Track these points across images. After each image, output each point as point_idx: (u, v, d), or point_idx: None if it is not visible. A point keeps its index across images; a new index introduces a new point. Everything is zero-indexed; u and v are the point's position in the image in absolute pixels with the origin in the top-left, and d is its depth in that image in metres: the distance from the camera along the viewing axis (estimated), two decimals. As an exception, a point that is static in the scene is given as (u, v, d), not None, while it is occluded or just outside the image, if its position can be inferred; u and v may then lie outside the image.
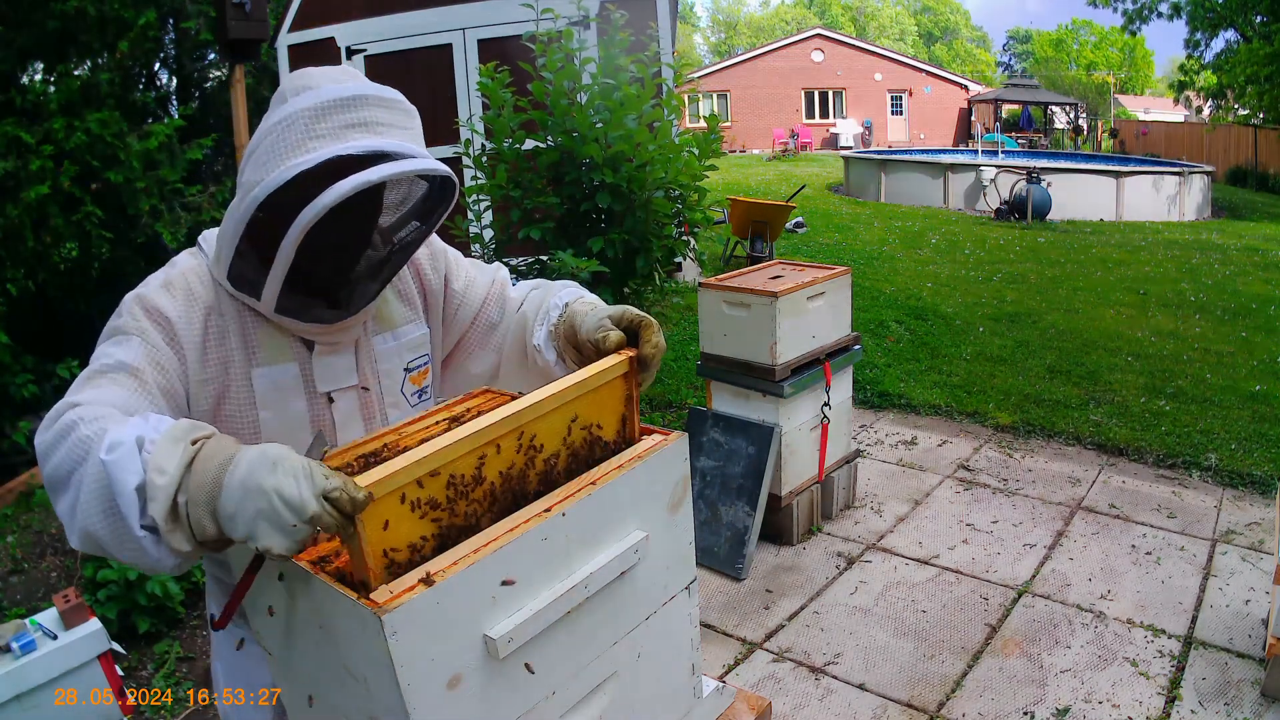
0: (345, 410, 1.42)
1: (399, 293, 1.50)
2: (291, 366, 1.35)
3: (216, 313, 1.30)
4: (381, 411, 1.47)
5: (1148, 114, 32.89)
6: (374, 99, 1.24)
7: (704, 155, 4.13)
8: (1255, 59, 17.37)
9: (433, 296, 1.55)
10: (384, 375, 1.46)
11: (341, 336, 1.39)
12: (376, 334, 1.46)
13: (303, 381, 1.37)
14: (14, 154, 5.98)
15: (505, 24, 7.00)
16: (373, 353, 1.45)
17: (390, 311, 1.48)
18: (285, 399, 1.35)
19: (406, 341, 1.50)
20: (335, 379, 1.40)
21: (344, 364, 1.41)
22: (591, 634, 1.15)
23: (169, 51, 8.33)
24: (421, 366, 1.53)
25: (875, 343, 6.42)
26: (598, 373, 1.23)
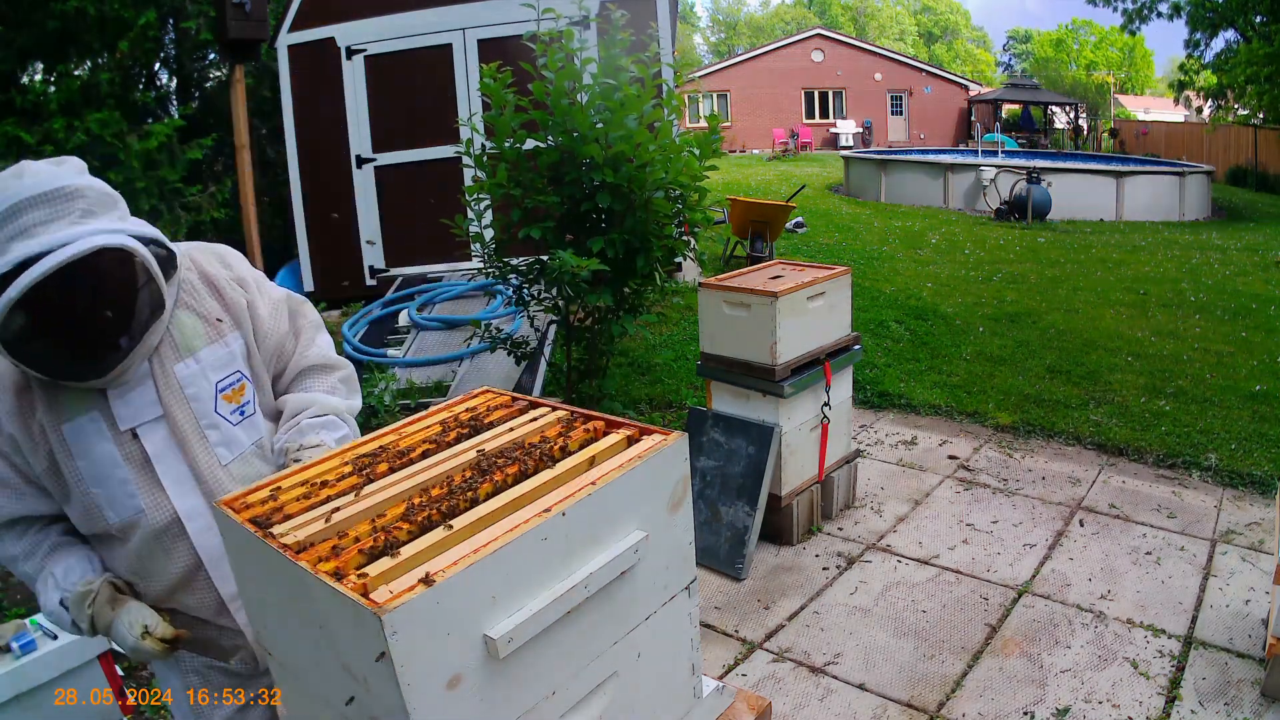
0: (157, 441, 1.50)
1: (197, 314, 1.56)
2: (94, 413, 1.46)
3: (24, 388, 1.45)
4: (199, 435, 1.53)
5: (1148, 114, 32.89)
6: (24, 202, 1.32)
7: (704, 155, 4.12)
8: (1255, 59, 17.35)
9: (237, 311, 1.61)
10: (191, 400, 1.53)
11: (128, 377, 1.47)
12: (177, 361, 1.52)
13: (105, 424, 1.47)
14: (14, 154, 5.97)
15: (505, 24, 7.00)
16: (174, 380, 1.52)
17: (188, 336, 1.54)
18: (91, 444, 1.46)
19: (210, 363, 1.55)
20: (135, 415, 1.49)
21: (142, 399, 1.49)
22: (591, 634, 1.15)
23: (169, 51, 8.33)
24: (235, 384, 1.58)
25: (875, 343, 6.42)
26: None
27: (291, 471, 1.30)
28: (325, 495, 1.22)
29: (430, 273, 7.45)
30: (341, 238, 7.78)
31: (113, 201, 1.42)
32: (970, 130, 28.11)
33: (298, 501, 1.20)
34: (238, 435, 1.58)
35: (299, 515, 1.16)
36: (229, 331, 1.59)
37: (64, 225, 1.33)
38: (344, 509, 1.16)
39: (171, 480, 1.51)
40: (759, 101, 32.33)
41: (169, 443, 1.51)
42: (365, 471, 1.27)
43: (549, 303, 4.42)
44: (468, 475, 1.22)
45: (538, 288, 4.38)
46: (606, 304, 4.09)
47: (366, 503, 1.16)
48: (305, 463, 1.33)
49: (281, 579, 1.08)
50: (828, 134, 31.68)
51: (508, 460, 1.25)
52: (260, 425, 1.63)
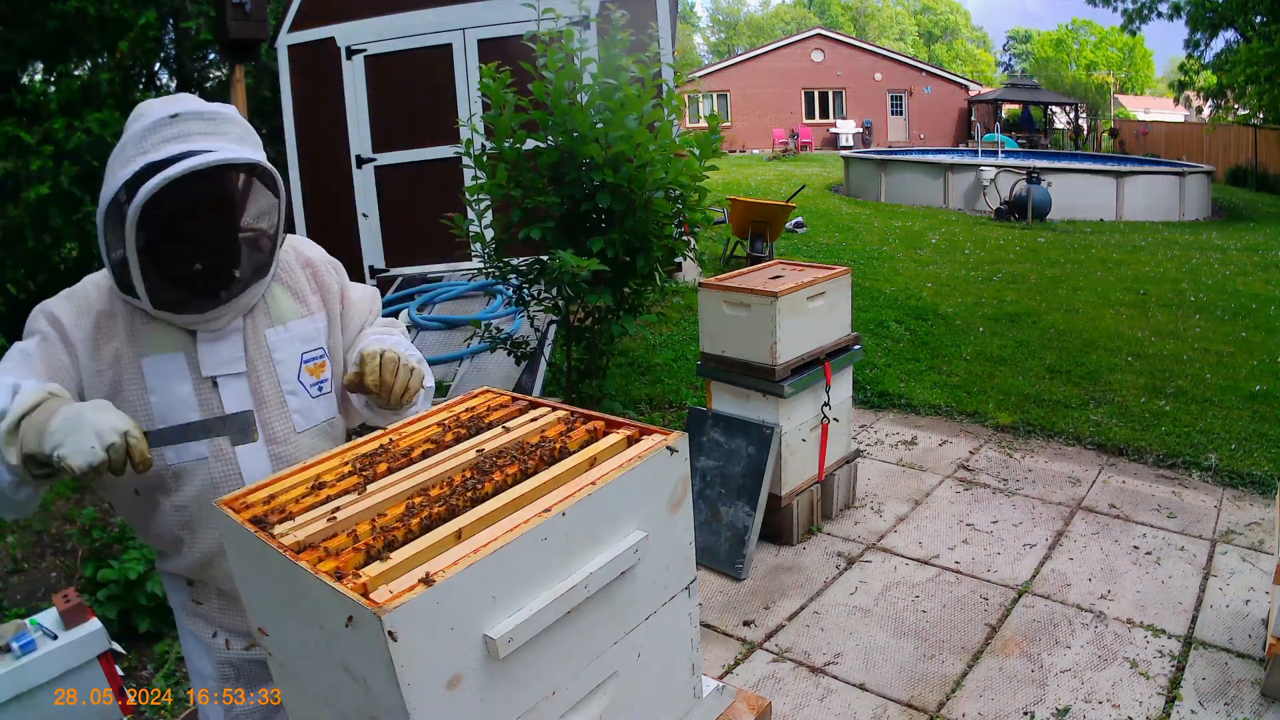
0: (235, 395, 1.54)
1: (290, 290, 1.64)
2: (178, 355, 1.50)
3: (109, 316, 1.49)
4: (278, 398, 1.58)
5: (1148, 114, 32.89)
6: (191, 115, 1.43)
7: (704, 155, 4.12)
8: (1255, 59, 17.35)
9: (329, 295, 1.70)
10: (277, 364, 1.59)
11: (220, 325, 1.52)
12: (269, 327, 1.59)
13: (188, 367, 1.51)
14: (14, 154, 5.98)
15: (505, 24, 7.00)
16: (264, 343, 1.58)
17: (281, 307, 1.62)
18: (172, 384, 1.50)
19: (298, 334, 1.62)
20: (220, 365, 1.53)
21: (229, 351, 1.54)
22: (591, 634, 1.15)
23: (169, 51, 8.33)
24: (318, 359, 1.65)
25: (875, 343, 6.42)
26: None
27: (292, 471, 1.30)
28: (325, 495, 1.22)
29: (430, 273, 7.45)
30: (341, 237, 7.78)
31: (259, 143, 1.52)
32: (970, 130, 28.11)
33: (297, 501, 1.20)
34: (315, 408, 1.63)
35: (299, 516, 1.16)
36: (317, 310, 1.66)
37: (222, 140, 1.43)
38: (344, 509, 1.16)
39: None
40: (759, 101, 32.34)
41: (247, 399, 1.54)
42: (365, 471, 1.28)
43: (549, 303, 4.42)
44: (467, 475, 1.22)
45: (538, 288, 4.38)
46: (606, 304, 4.09)
47: (366, 503, 1.16)
48: (306, 462, 1.33)
49: (281, 579, 1.08)
50: (828, 134, 31.69)
51: (508, 460, 1.25)
52: (334, 406, 1.68)
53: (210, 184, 1.41)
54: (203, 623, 1.64)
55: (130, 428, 1.27)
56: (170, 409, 1.49)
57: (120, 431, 1.25)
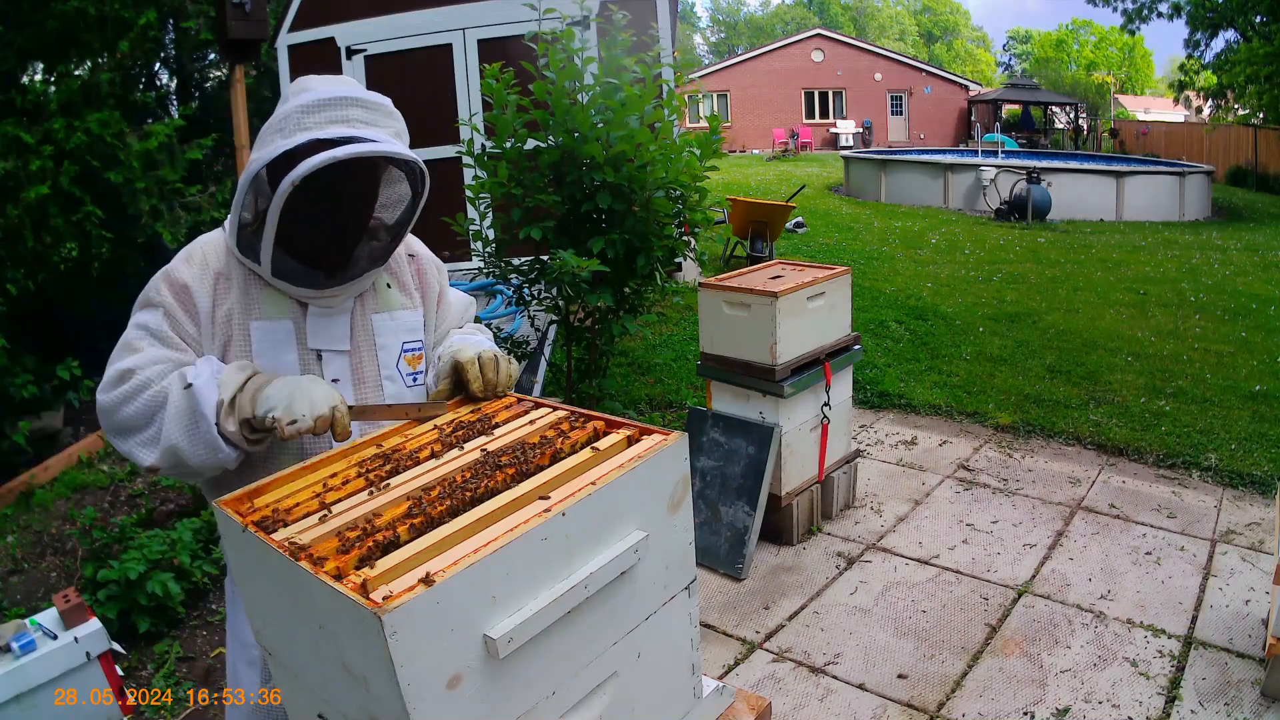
0: (336, 370, 1.58)
1: (399, 282, 1.69)
2: (285, 322, 1.55)
3: (225, 277, 1.53)
4: (376, 380, 1.62)
5: (1148, 114, 32.90)
6: (357, 100, 1.47)
7: (705, 155, 4.12)
8: (1255, 59, 17.35)
9: (430, 292, 1.74)
10: (380, 348, 1.63)
11: (333, 303, 1.57)
12: (375, 312, 1.64)
13: (295, 336, 1.56)
14: (14, 154, 5.97)
15: (505, 24, 7.00)
16: (370, 326, 1.63)
17: (388, 296, 1.67)
18: (278, 350, 1.54)
19: (403, 324, 1.67)
20: (327, 340, 1.58)
21: (337, 328, 1.58)
22: (591, 634, 1.15)
23: (169, 51, 8.33)
24: (416, 350, 1.69)
25: (875, 343, 6.42)
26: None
27: (295, 471, 1.30)
28: (329, 498, 1.22)
29: (430, 273, 7.43)
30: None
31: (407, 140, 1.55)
32: (970, 130, 28.11)
33: (301, 505, 1.20)
34: (407, 396, 1.67)
35: (302, 519, 1.16)
36: (419, 305, 1.71)
37: (382, 132, 1.47)
38: (346, 511, 1.16)
39: None
40: (759, 101, 32.33)
41: (347, 376, 1.59)
42: (370, 474, 1.28)
43: (549, 302, 4.42)
44: (468, 475, 1.22)
45: (538, 287, 4.38)
46: (607, 304, 4.09)
47: (369, 505, 1.16)
48: (309, 462, 1.33)
49: (281, 579, 1.08)
50: (828, 134, 31.69)
51: (510, 460, 1.25)
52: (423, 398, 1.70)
53: (366, 173, 1.49)
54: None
55: (339, 402, 1.40)
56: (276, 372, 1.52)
57: (331, 405, 1.39)
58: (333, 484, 1.26)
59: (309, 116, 1.43)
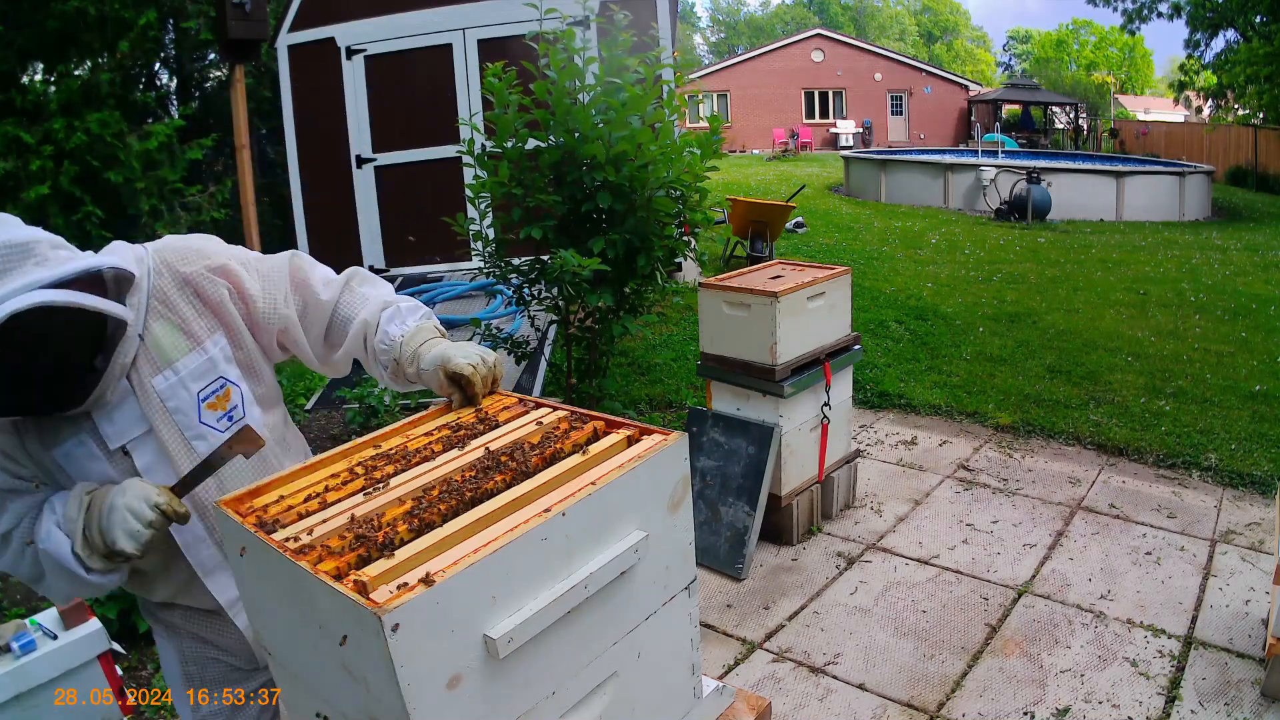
0: (147, 457, 1.47)
1: (171, 324, 1.48)
2: (83, 437, 1.44)
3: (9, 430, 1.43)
4: (185, 447, 1.48)
5: (1148, 114, 32.89)
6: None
7: (705, 155, 4.12)
8: (1255, 59, 17.36)
9: (222, 309, 1.52)
10: (174, 413, 1.48)
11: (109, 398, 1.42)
12: (154, 374, 1.46)
13: (95, 446, 1.45)
14: (14, 154, 5.98)
15: (505, 24, 7.00)
16: (153, 395, 1.46)
17: (163, 348, 1.47)
18: (84, 466, 1.45)
19: (188, 373, 1.48)
20: (123, 434, 1.46)
21: (126, 418, 1.46)
22: (591, 634, 1.15)
23: (169, 51, 8.34)
24: (218, 391, 1.52)
25: (875, 343, 6.42)
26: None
27: (294, 472, 1.30)
28: (330, 498, 1.22)
29: (430, 273, 7.45)
30: (341, 237, 7.78)
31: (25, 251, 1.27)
32: (970, 130, 28.11)
33: (301, 505, 1.20)
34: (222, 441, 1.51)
35: (301, 519, 1.16)
36: (207, 336, 1.51)
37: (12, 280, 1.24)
38: (346, 511, 1.16)
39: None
40: (759, 101, 32.33)
41: (159, 456, 1.47)
42: (371, 474, 1.27)
43: (549, 302, 4.42)
44: (469, 475, 1.22)
45: (538, 287, 4.38)
46: (607, 304, 4.09)
47: (370, 505, 1.16)
48: (310, 462, 1.33)
49: (281, 579, 1.08)
50: (828, 134, 31.69)
51: (511, 460, 1.25)
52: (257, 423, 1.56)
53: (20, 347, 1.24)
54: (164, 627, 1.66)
55: (157, 497, 1.36)
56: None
57: (152, 504, 1.36)
58: (333, 484, 1.26)
59: None
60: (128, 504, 1.35)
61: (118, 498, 1.36)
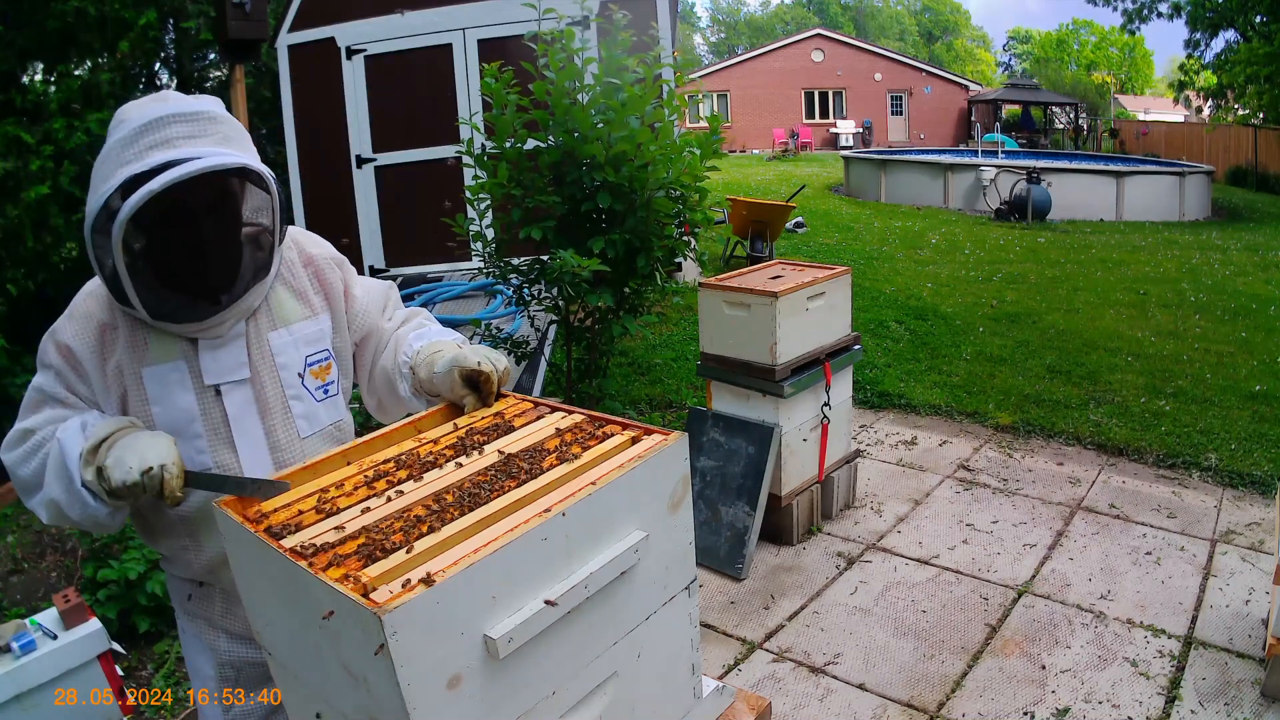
0: (238, 403, 1.51)
1: (294, 290, 1.59)
2: (179, 363, 1.47)
3: (110, 327, 1.46)
4: (282, 404, 1.54)
5: (1148, 114, 32.87)
6: (173, 117, 1.38)
7: (705, 155, 4.12)
8: (1255, 59, 17.36)
9: (333, 292, 1.64)
10: (281, 368, 1.55)
11: (222, 331, 1.48)
12: (272, 330, 1.55)
13: (190, 376, 1.48)
14: (14, 154, 5.98)
15: (505, 24, 7.00)
16: (267, 347, 1.54)
17: (284, 309, 1.57)
18: (173, 394, 1.47)
19: (302, 336, 1.58)
20: (222, 372, 1.49)
21: (232, 358, 1.49)
22: (591, 634, 1.15)
23: (169, 51, 8.34)
24: (323, 361, 1.61)
25: (875, 343, 6.42)
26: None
27: (295, 473, 1.30)
28: (331, 497, 1.22)
29: (430, 273, 7.45)
30: (342, 237, 7.78)
31: (247, 139, 1.46)
32: (970, 130, 28.10)
33: (302, 505, 1.20)
34: (320, 412, 1.60)
35: (303, 519, 1.16)
36: (321, 310, 1.62)
37: (207, 143, 1.37)
38: (348, 511, 1.16)
39: (247, 443, 1.51)
40: (759, 101, 32.33)
41: (250, 406, 1.52)
42: (383, 479, 1.26)
43: (549, 303, 4.42)
44: (481, 480, 1.21)
45: (538, 288, 4.38)
46: (607, 304, 4.09)
47: (379, 512, 1.16)
48: (311, 462, 1.33)
49: (282, 579, 1.08)
50: (828, 134, 31.69)
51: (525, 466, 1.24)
52: (341, 408, 1.65)
53: (197, 192, 1.36)
54: (204, 624, 1.64)
55: (169, 461, 1.33)
56: (173, 419, 1.47)
57: (160, 463, 1.32)
58: (337, 487, 1.25)
59: (126, 150, 1.35)
60: (143, 446, 1.33)
61: (144, 436, 1.36)
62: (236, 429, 1.50)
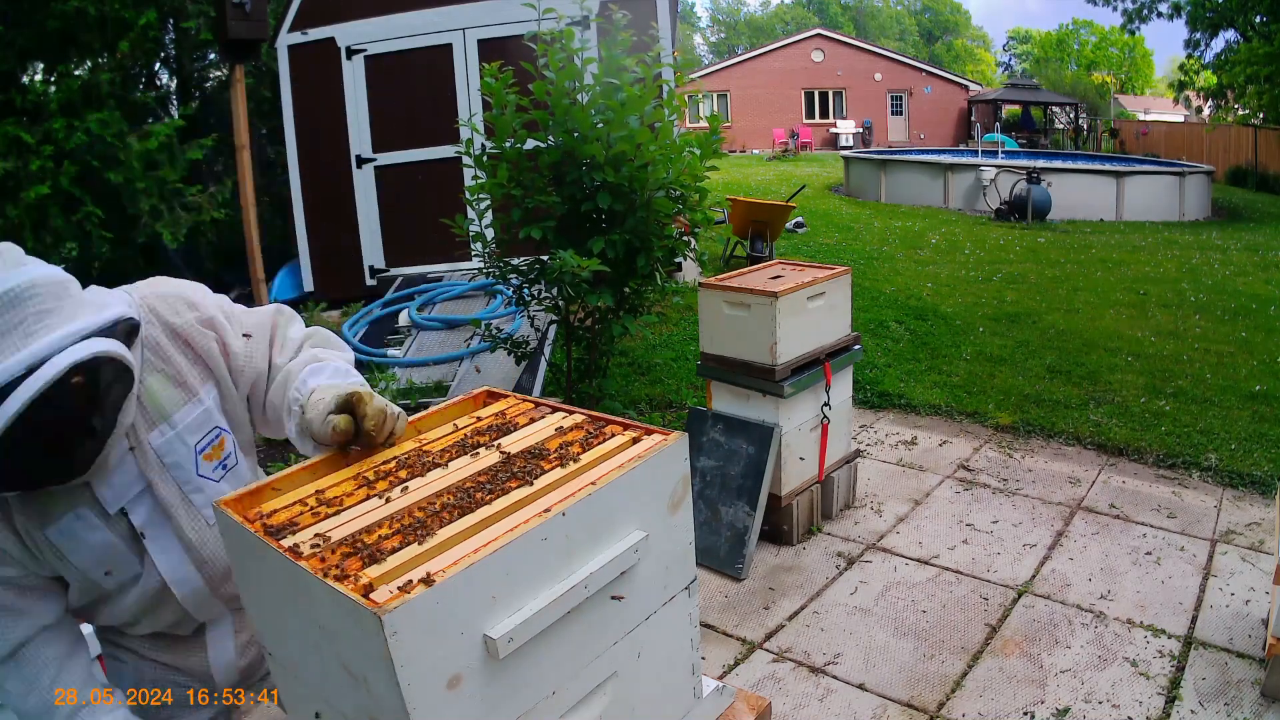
0: (143, 515, 1.42)
1: (166, 376, 1.43)
2: (79, 509, 1.36)
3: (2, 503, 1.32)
4: (183, 502, 1.45)
5: (1148, 114, 32.88)
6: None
7: (705, 155, 4.12)
8: (1255, 59, 17.37)
9: (213, 360, 1.49)
10: (171, 468, 1.43)
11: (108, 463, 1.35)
12: (150, 430, 1.41)
13: (94, 514, 1.37)
14: (14, 154, 5.98)
15: (505, 24, 7.00)
16: (150, 452, 1.42)
17: (158, 401, 1.42)
18: (84, 540, 1.37)
19: (185, 426, 1.45)
20: (121, 495, 1.39)
21: (125, 477, 1.40)
22: (591, 634, 1.15)
23: (169, 51, 8.34)
24: (213, 442, 1.49)
25: (875, 343, 6.42)
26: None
27: (295, 473, 1.29)
28: (339, 505, 1.21)
29: (430, 273, 7.45)
30: (342, 237, 7.78)
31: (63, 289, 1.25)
32: (970, 130, 28.11)
33: (303, 505, 1.20)
34: (223, 492, 1.47)
35: (303, 519, 1.16)
36: (200, 386, 1.47)
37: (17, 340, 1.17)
38: (348, 511, 1.16)
39: (159, 550, 1.45)
40: (759, 101, 32.34)
41: (155, 514, 1.43)
42: (384, 479, 1.26)
43: (549, 303, 4.42)
44: (481, 480, 1.21)
45: (538, 288, 4.38)
46: (607, 304, 4.09)
47: (380, 513, 1.16)
48: (310, 462, 1.33)
49: (281, 579, 1.08)
50: (828, 134, 31.70)
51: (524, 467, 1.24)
52: (244, 472, 1.55)
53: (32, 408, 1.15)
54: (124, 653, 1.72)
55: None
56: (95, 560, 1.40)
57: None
58: (337, 487, 1.25)
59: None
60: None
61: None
62: (148, 539, 1.43)
